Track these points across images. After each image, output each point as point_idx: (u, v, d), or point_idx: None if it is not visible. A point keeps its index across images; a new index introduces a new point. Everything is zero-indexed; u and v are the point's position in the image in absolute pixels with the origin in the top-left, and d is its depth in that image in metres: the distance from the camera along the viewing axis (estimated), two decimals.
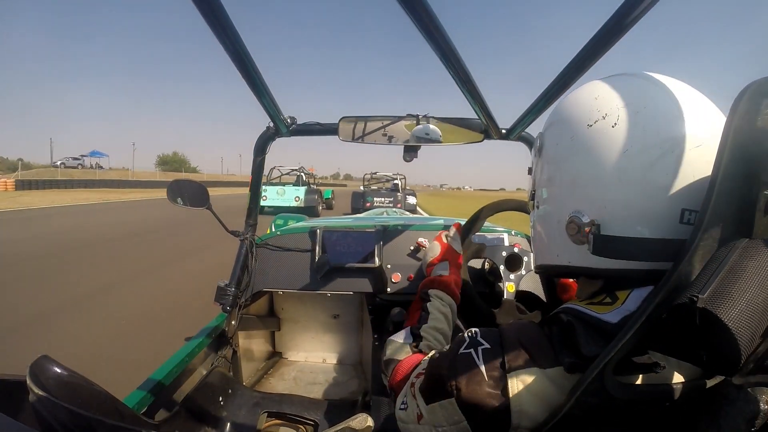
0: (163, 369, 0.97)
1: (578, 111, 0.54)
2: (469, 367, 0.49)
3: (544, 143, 0.59)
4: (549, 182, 0.57)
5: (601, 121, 0.50)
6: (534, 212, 0.62)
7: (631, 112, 0.49)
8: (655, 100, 0.49)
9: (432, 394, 0.52)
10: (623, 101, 0.50)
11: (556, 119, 0.59)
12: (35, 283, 4.17)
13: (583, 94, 0.55)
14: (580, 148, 0.52)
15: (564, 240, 0.53)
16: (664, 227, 0.47)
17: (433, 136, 1.12)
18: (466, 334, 0.54)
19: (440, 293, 0.83)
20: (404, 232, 1.42)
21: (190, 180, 1.23)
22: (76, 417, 0.39)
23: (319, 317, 1.74)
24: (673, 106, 0.48)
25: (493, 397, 0.46)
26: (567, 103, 0.58)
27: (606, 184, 0.49)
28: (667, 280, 0.40)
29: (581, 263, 0.52)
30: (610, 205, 0.49)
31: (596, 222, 0.49)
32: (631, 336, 0.39)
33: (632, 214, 0.48)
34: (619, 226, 0.48)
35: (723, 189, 0.40)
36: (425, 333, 0.75)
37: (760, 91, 0.40)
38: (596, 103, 0.52)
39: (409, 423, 0.55)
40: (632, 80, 0.52)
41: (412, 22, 0.55)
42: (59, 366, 0.48)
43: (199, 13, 0.56)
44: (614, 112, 0.49)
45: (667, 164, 0.47)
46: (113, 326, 3.12)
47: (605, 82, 0.54)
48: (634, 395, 0.41)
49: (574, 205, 0.52)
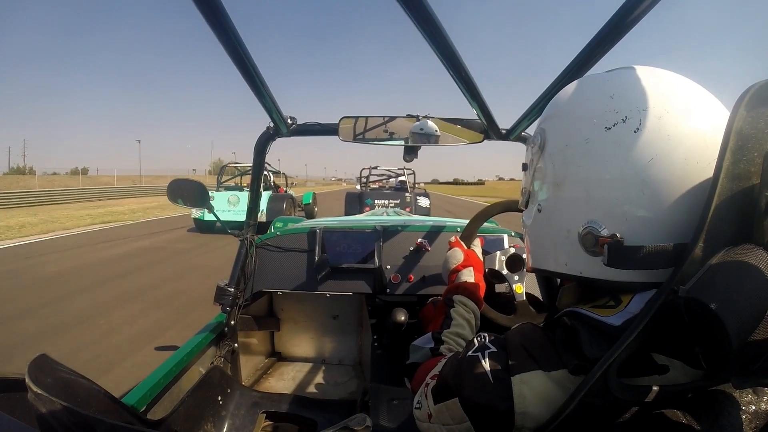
0: (163, 368, 0.97)
1: (591, 109, 0.49)
2: (474, 369, 0.49)
3: (548, 139, 0.54)
4: (556, 186, 0.52)
5: (621, 124, 0.46)
6: (531, 213, 0.58)
7: (654, 117, 0.45)
8: (677, 106, 0.46)
9: (440, 395, 0.53)
10: (644, 104, 0.46)
11: (560, 113, 0.55)
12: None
13: (594, 91, 0.52)
14: (597, 154, 0.48)
15: (575, 250, 0.50)
16: (681, 238, 0.44)
17: (433, 137, 1.13)
18: (476, 338, 0.55)
19: (464, 299, 0.82)
20: (404, 232, 1.42)
21: (189, 179, 1.23)
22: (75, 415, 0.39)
23: (319, 318, 1.74)
24: (697, 116, 0.46)
25: (496, 398, 0.47)
26: (575, 97, 0.54)
27: (627, 194, 0.46)
28: (669, 283, 0.40)
29: (595, 275, 0.49)
30: (632, 219, 0.46)
31: (617, 236, 0.46)
32: (634, 338, 0.39)
33: (655, 228, 0.45)
34: (638, 238, 0.45)
35: (724, 191, 0.40)
36: (446, 338, 0.75)
37: (762, 93, 0.40)
38: (613, 103, 0.48)
39: (423, 421, 0.56)
40: (649, 79, 0.49)
41: (412, 22, 0.55)
42: (58, 365, 0.48)
43: (199, 13, 0.56)
44: (635, 115, 0.46)
45: (691, 174, 0.44)
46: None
47: (619, 78, 0.50)
48: (637, 396, 0.41)
49: (588, 215, 0.48)
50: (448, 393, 0.51)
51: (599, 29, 0.54)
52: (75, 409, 0.39)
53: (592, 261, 0.49)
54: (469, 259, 0.93)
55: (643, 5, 0.47)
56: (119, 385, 1.62)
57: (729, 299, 0.34)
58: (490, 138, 1.16)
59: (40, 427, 0.38)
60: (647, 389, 0.40)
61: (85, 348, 2.85)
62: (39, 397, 0.38)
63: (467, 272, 0.89)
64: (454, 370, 0.52)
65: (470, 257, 0.93)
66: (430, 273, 1.35)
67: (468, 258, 0.93)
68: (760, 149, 0.40)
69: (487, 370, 0.48)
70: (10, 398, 0.45)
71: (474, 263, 0.92)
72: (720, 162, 0.40)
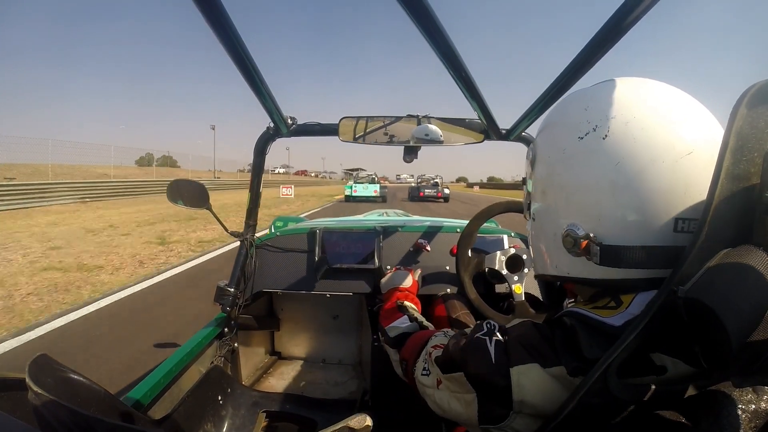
0: (163, 368, 0.97)
1: (569, 122, 0.54)
2: (479, 351, 0.52)
3: (537, 154, 0.59)
4: (543, 195, 0.57)
5: (592, 133, 0.50)
6: (530, 223, 0.63)
7: (621, 123, 0.48)
8: (644, 110, 0.49)
9: (447, 367, 0.57)
10: (613, 112, 0.50)
11: (546, 126, 0.59)
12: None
13: (572, 104, 0.56)
14: (571, 162, 0.52)
15: (561, 252, 0.54)
16: (658, 237, 0.47)
17: (433, 137, 1.13)
18: (486, 323, 0.57)
19: (411, 304, 0.97)
20: (403, 232, 1.42)
21: (189, 180, 1.23)
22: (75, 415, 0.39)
23: (319, 318, 1.74)
24: (663, 114, 0.48)
25: (497, 379, 0.49)
26: (557, 113, 0.58)
27: (599, 197, 0.49)
28: (669, 283, 0.40)
29: (580, 274, 0.53)
30: (604, 219, 0.49)
31: (591, 236, 0.49)
32: (633, 338, 0.39)
33: (626, 226, 0.48)
34: (614, 238, 0.49)
35: (724, 191, 0.40)
36: (420, 317, 0.89)
37: (761, 93, 0.40)
38: (586, 114, 0.52)
39: (430, 387, 0.61)
40: (622, 89, 0.52)
41: (412, 22, 0.55)
42: (58, 365, 0.48)
43: (199, 13, 0.56)
44: (604, 123, 0.49)
45: (658, 174, 0.46)
46: None
47: (595, 91, 0.54)
48: (636, 396, 0.41)
49: (568, 218, 0.52)
50: (453, 367, 0.55)
51: (599, 29, 0.54)
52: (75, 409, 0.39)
53: (575, 261, 0.53)
54: (413, 288, 1.09)
55: (643, 5, 0.47)
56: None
57: (729, 300, 0.34)
58: (490, 138, 1.16)
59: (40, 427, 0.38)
60: (647, 389, 0.40)
61: None
62: (39, 396, 0.38)
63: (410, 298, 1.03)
64: (461, 348, 0.56)
65: (415, 287, 1.10)
66: (429, 272, 1.35)
67: (414, 286, 1.09)
68: (760, 149, 0.40)
69: (491, 354, 0.51)
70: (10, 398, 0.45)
71: (415, 291, 1.09)
72: (720, 162, 0.40)
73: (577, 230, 0.51)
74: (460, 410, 0.54)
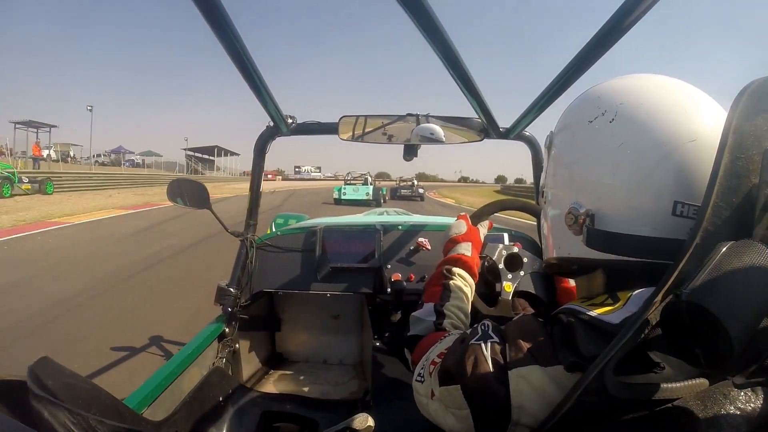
0: (164, 369, 0.97)
1: (582, 109, 0.56)
2: (476, 358, 0.50)
3: (553, 141, 0.61)
4: (554, 179, 0.60)
5: (600, 117, 0.52)
6: (543, 207, 0.65)
7: (629, 108, 0.50)
8: (653, 97, 0.51)
9: (444, 378, 0.54)
10: (622, 99, 0.51)
11: (563, 118, 0.61)
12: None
13: (589, 95, 0.58)
14: (580, 144, 0.55)
15: (564, 231, 0.56)
16: (657, 219, 0.48)
17: (433, 136, 1.13)
18: (480, 326, 0.55)
19: (463, 273, 0.82)
20: (404, 232, 1.42)
21: (190, 179, 1.22)
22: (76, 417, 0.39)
23: (320, 318, 1.74)
24: (671, 102, 0.50)
25: (495, 389, 0.47)
26: (574, 105, 0.60)
27: (601, 176, 0.51)
28: (666, 281, 0.40)
29: (580, 254, 0.54)
30: (605, 196, 0.51)
31: (590, 212, 0.51)
32: (631, 336, 0.39)
33: (626, 204, 0.50)
34: (613, 217, 0.50)
35: (723, 188, 0.39)
36: (448, 311, 0.74)
37: (760, 90, 0.40)
38: (598, 101, 0.54)
39: (424, 396, 0.58)
40: (635, 80, 0.54)
41: (412, 22, 0.55)
42: (59, 367, 0.48)
43: (199, 13, 0.56)
44: (613, 108, 0.52)
45: (660, 156, 0.48)
46: None
47: (609, 83, 0.56)
48: (635, 395, 0.41)
49: (573, 197, 0.55)
50: (451, 379, 0.52)
51: (599, 29, 0.54)
52: (76, 411, 0.39)
53: (577, 240, 0.54)
54: (471, 234, 0.92)
55: (643, 5, 0.47)
56: None
57: (732, 305, 0.34)
58: (489, 137, 1.16)
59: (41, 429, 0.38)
60: (644, 387, 0.40)
61: None
62: (40, 399, 0.38)
63: (465, 246, 0.88)
64: (457, 356, 0.53)
65: (472, 233, 0.92)
66: (431, 272, 1.35)
67: (470, 232, 0.92)
68: (758, 147, 0.40)
69: (488, 360, 0.49)
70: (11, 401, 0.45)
71: (474, 239, 0.91)
72: (718, 159, 0.40)
73: (579, 208, 0.53)
74: (456, 425, 0.52)
